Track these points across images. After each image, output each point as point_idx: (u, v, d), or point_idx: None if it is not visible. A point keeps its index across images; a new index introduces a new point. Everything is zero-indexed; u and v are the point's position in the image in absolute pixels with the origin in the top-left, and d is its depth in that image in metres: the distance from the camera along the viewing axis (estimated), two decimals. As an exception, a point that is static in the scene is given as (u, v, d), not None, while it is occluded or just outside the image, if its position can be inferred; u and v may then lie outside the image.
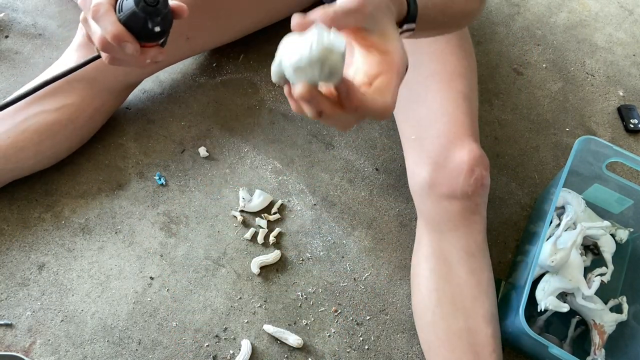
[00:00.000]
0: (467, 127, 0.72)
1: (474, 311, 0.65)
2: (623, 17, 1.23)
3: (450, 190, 0.69)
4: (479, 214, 0.70)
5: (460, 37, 0.79)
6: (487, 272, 0.69)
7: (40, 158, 0.78)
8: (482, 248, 0.70)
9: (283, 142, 0.92)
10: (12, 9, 1.05)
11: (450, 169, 0.69)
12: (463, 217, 0.69)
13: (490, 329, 0.65)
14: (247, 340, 0.73)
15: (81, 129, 0.80)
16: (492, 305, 0.67)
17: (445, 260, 0.69)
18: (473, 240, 0.69)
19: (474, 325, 0.65)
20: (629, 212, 0.85)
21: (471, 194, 0.68)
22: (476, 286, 0.66)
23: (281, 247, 0.82)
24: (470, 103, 0.75)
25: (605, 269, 0.78)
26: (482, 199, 0.70)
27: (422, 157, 0.73)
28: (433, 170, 0.70)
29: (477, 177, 0.68)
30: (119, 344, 0.72)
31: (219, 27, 0.88)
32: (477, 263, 0.68)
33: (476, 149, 0.70)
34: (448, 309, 0.67)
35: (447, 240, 0.70)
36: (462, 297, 0.66)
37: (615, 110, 1.06)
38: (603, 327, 0.73)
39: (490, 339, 0.64)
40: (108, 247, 0.79)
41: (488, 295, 0.67)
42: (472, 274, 0.67)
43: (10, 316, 0.73)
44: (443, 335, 0.67)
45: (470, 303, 0.66)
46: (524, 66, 1.11)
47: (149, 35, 0.51)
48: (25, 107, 0.75)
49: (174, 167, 0.87)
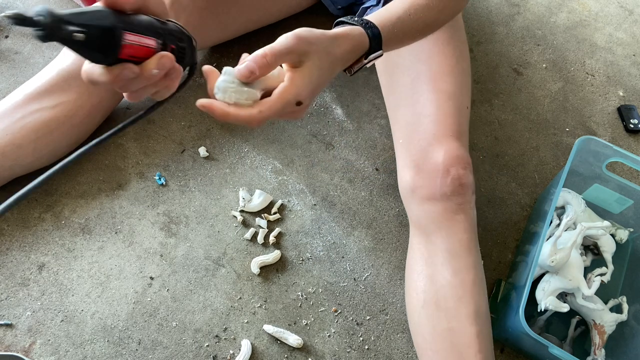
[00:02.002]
0: (448, 127, 0.72)
1: (457, 311, 0.64)
2: (623, 17, 1.23)
3: (430, 192, 0.69)
4: (462, 213, 0.69)
5: (450, 35, 0.78)
6: (472, 271, 0.67)
7: (39, 155, 0.78)
8: (468, 247, 0.68)
9: (283, 142, 0.92)
10: (12, 9, 1.04)
11: (428, 171, 0.70)
12: (445, 217, 0.69)
13: (474, 328, 0.64)
14: (247, 340, 0.73)
15: (79, 126, 0.80)
16: (478, 304, 0.66)
17: (431, 261, 0.69)
18: (457, 240, 0.68)
19: (457, 326, 0.64)
20: (629, 212, 0.85)
21: (450, 195, 0.68)
22: (460, 286, 0.65)
23: (281, 247, 0.82)
24: (456, 101, 0.74)
25: (605, 269, 0.78)
26: (465, 198, 0.69)
27: (406, 160, 0.74)
28: (415, 174, 0.71)
29: (454, 177, 0.68)
30: (119, 344, 0.72)
31: (217, 24, 0.88)
32: (462, 263, 0.67)
33: (453, 148, 0.70)
34: (432, 310, 0.66)
35: (432, 242, 0.70)
36: (445, 298, 0.66)
37: (615, 110, 1.06)
38: (603, 327, 0.73)
39: (475, 339, 0.63)
40: (108, 247, 0.79)
41: (473, 295, 0.66)
42: (456, 274, 0.66)
43: (10, 316, 0.73)
44: (429, 337, 0.67)
45: (454, 304, 0.65)
46: (524, 66, 1.11)
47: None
48: (23, 105, 0.75)
49: (174, 167, 0.87)
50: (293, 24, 1.06)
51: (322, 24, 1.07)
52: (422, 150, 0.71)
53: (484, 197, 0.91)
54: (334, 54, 0.51)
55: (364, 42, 0.54)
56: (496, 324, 0.77)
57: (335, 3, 1.01)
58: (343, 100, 0.98)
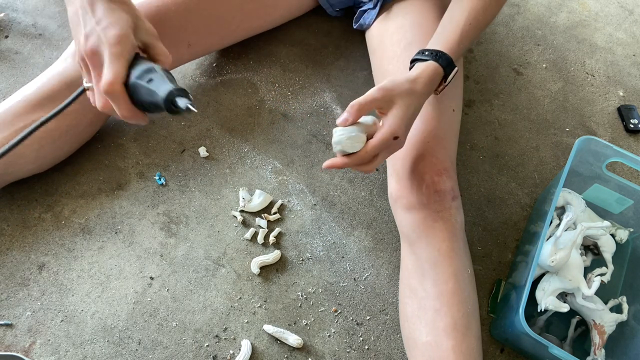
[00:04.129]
0: (427, 133, 0.71)
1: (434, 325, 0.64)
2: (623, 17, 1.23)
3: (409, 201, 0.69)
4: (441, 221, 0.68)
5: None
6: (452, 281, 0.65)
7: (41, 163, 0.78)
8: (448, 256, 0.67)
9: (283, 142, 0.92)
10: (12, 9, 1.05)
11: (406, 180, 0.70)
12: (425, 226, 0.68)
13: (450, 342, 0.62)
14: (247, 340, 0.73)
15: (81, 134, 0.80)
16: (457, 316, 0.64)
17: (414, 272, 0.69)
18: (436, 249, 0.67)
19: (434, 339, 0.63)
20: (629, 212, 0.85)
21: (427, 202, 0.68)
22: (438, 298, 0.64)
23: (281, 247, 0.82)
24: (437, 103, 0.74)
25: (605, 269, 0.78)
26: (443, 205, 0.68)
27: (391, 170, 0.75)
28: (396, 183, 0.72)
29: (428, 184, 0.68)
30: (119, 344, 0.72)
31: (220, 33, 0.88)
32: (440, 273, 0.66)
33: (428, 154, 0.69)
34: (414, 323, 0.66)
35: (414, 252, 0.69)
36: (425, 310, 0.65)
37: (615, 110, 1.06)
38: (603, 327, 0.73)
39: (450, 353, 0.62)
40: (108, 247, 0.79)
41: (450, 306, 0.64)
42: (435, 285, 0.65)
43: (10, 316, 0.73)
44: (412, 350, 0.66)
45: (432, 316, 0.64)
46: (524, 66, 1.11)
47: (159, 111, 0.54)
48: (25, 114, 0.73)
49: (174, 167, 0.87)
50: (292, 26, 1.06)
51: (320, 24, 1.08)
52: (401, 160, 0.72)
53: (484, 197, 0.91)
54: (415, 91, 0.63)
55: (439, 71, 0.65)
56: (496, 324, 0.77)
57: (333, 6, 1.01)
58: (343, 100, 0.98)
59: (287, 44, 1.05)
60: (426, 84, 0.63)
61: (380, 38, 0.87)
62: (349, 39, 1.07)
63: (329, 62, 1.04)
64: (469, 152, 0.96)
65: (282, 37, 1.05)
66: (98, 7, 0.53)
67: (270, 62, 1.02)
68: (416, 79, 0.63)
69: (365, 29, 0.94)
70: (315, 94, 0.99)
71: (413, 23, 0.81)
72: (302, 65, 1.02)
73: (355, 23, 0.96)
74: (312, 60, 1.03)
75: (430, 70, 0.64)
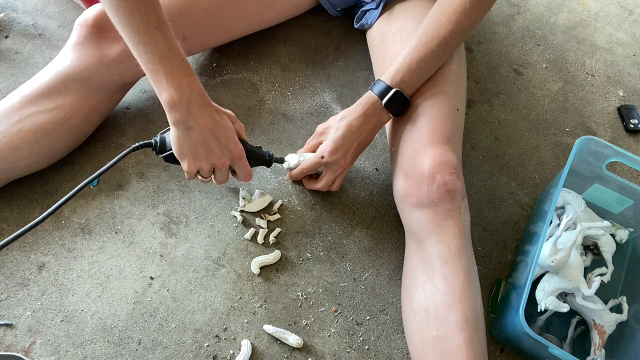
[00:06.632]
0: (435, 133, 0.72)
1: (446, 319, 0.64)
2: (623, 17, 1.23)
3: (418, 200, 0.69)
4: (452, 219, 0.68)
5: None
6: (462, 277, 0.66)
7: (36, 158, 0.78)
8: (458, 253, 0.67)
9: (283, 142, 0.92)
10: (12, 9, 1.05)
11: (415, 179, 0.70)
12: (435, 224, 0.68)
13: (463, 336, 0.63)
14: (247, 340, 0.73)
15: (76, 128, 0.80)
16: (467, 311, 0.64)
17: (422, 269, 0.69)
18: (447, 247, 0.67)
19: (445, 334, 0.63)
20: (629, 212, 0.85)
21: (438, 201, 0.68)
22: (449, 293, 0.65)
23: (281, 247, 0.82)
24: (442, 103, 0.74)
25: (605, 269, 0.78)
26: (454, 204, 0.69)
27: (397, 169, 0.75)
28: (404, 182, 0.72)
29: (440, 184, 0.68)
30: (119, 344, 0.72)
31: (216, 28, 0.88)
32: (451, 270, 0.66)
33: (438, 154, 0.69)
34: (422, 318, 0.66)
35: (422, 249, 0.69)
36: (435, 306, 0.65)
37: (615, 110, 1.06)
38: (603, 327, 0.73)
39: (463, 347, 0.62)
40: (108, 247, 0.79)
41: (462, 302, 0.64)
42: (445, 281, 0.66)
43: (10, 316, 0.73)
44: (419, 345, 0.66)
45: (443, 311, 0.64)
46: (524, 66, 1.11)
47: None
48: (20, 108, 0.74)
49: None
50: (292, 26, 1.06)
51: (320, 24, 1.08)
52: (409, 158, 0.72)
53: (484, 197, 0.91)
54: (345, 117, 0.77)
55: (371, 96, 0.76)
56: (496, 324, 0.77)
57: (334, 6, 1.01)
58: (343, 100, 0.98)
59: (287, 44, 1.05)
60: (357, 109, 0.76)
61: (382, 38, 0.87)
62: (349, 39, 1.07)
63: (329, 62, 1.04)
64: (469, 152, 0.96)
65: (282, 37, 1.05)
66: (219, 131, 0.68)
67: (270, 62, 1.02)
68: (350, 107, 0.77)
69: (367, 28, 0.94)
70: (315, 94, 0.99)
71: (415, 23, 0.81)
72: (302, 65, 1.02)
73: (357, 23, 0.96)
74: (312, 60, 1.03)
75: (364, 97, 0.76)
